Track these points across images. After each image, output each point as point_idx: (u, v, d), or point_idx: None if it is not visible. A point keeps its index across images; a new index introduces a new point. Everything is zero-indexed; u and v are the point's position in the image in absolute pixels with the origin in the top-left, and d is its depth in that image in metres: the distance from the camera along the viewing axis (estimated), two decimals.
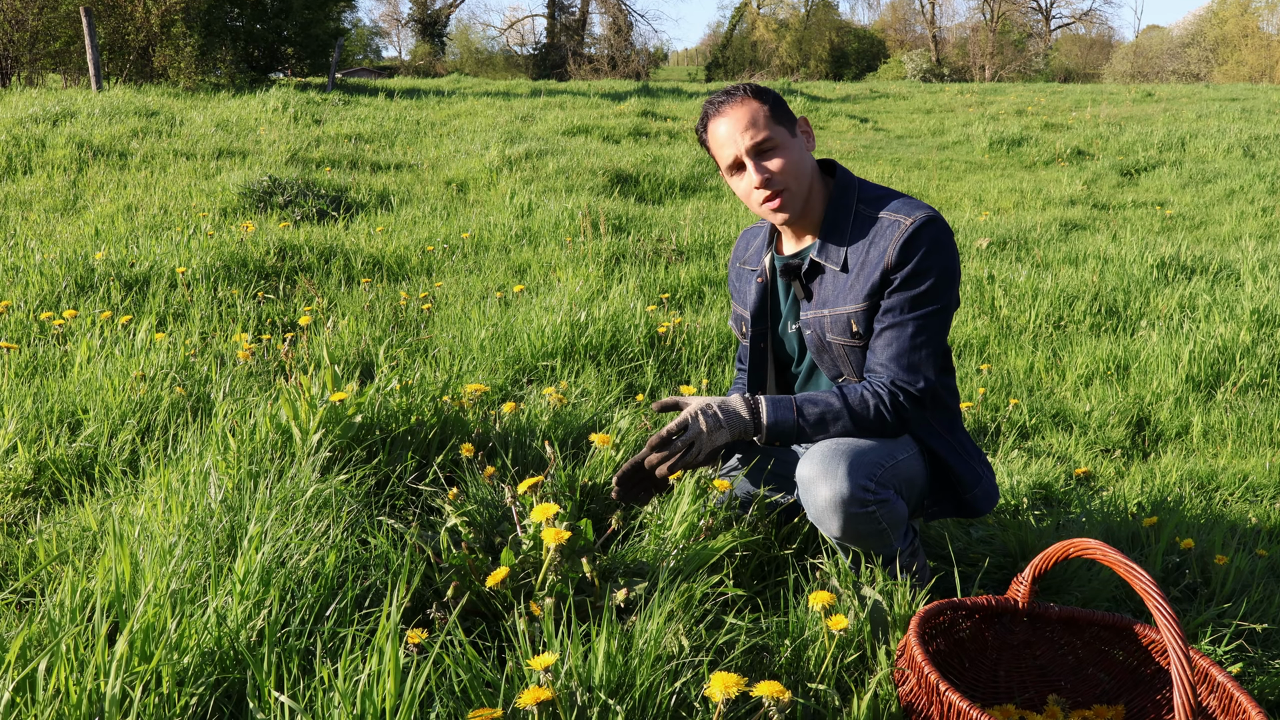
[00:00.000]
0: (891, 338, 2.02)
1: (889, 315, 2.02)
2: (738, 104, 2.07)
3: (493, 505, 2.20)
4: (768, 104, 2.07)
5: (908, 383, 2.01)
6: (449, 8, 54.47)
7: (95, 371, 3.14)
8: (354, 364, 3.62)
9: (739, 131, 2.05)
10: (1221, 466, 3.38)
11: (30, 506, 2.48)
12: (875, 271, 2.02)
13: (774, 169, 2.06)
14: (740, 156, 2.07)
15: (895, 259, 1.99)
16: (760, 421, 2.00)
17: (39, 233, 5.93)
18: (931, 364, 2.03)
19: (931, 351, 2.03)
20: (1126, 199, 10.27)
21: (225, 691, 1.63)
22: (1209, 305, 5.13)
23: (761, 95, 2.08)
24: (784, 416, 2.01)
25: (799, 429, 2.01)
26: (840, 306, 2.07)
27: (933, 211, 2.02)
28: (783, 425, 2.01)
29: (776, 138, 2.06)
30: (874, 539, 1.96)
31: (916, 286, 2.00)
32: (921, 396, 2.03)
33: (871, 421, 2.01)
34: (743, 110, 2.06)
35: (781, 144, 2.06)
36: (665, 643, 1.71)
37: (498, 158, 10.05)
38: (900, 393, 2.01)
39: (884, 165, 12.64)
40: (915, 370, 2.02)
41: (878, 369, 2.04)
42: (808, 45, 56.29)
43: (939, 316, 2.03)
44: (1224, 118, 16.52)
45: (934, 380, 2.04)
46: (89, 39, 13.73)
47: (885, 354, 2.03)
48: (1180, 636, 1.40)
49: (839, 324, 2.08)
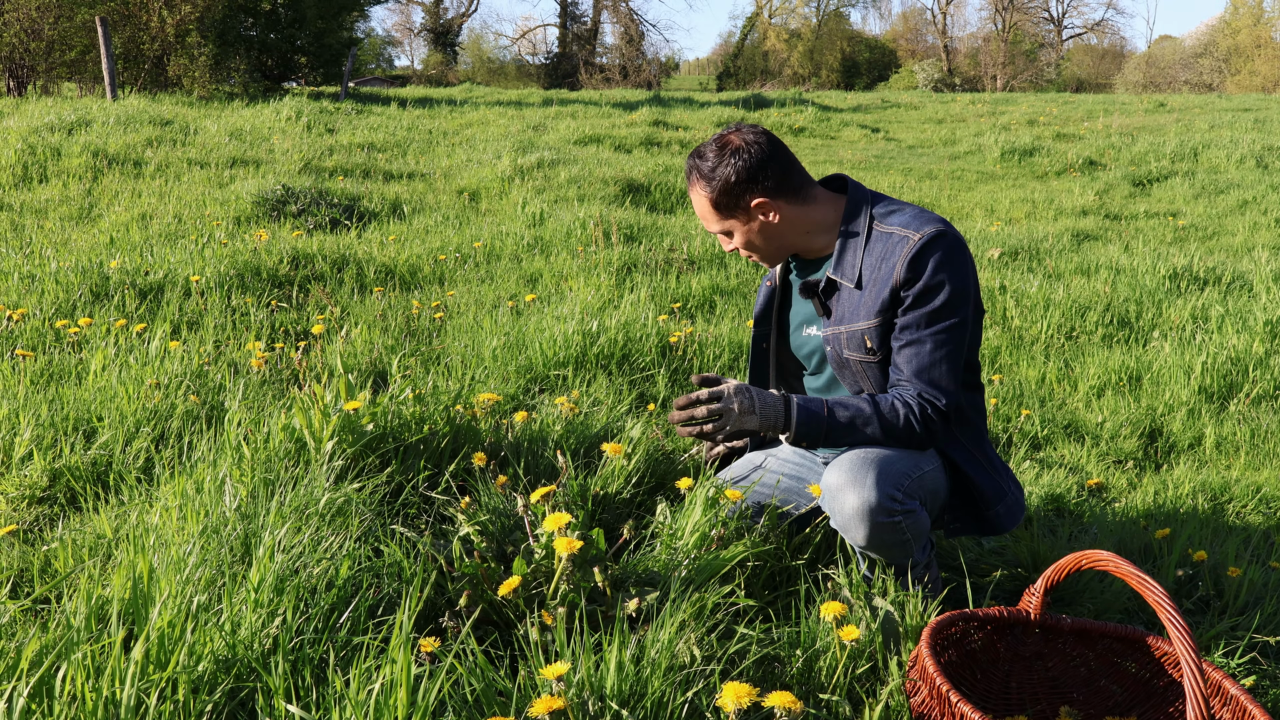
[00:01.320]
0: (911, 355, 2.03)
1: (906, 333, 2.03)
2: (692, 188, 2.15)
3: (505, 514, 2.21)
4: (712, 194, 2.10)
5: (933, 397, 2.02)
6: (461, 17, 54.72)
7: (110, 379, 3.15)
8: (367, 373, 3.64)
9: (700, 215, 2.17)
10: (1234, 478, 3.37)
11: (46, 514, 2.50)
12: (885, 288, 2.02)
13: (737, 245, 2.17)
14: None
15: (904, 275, 2.00)
16: (791, 417, 2.00)
17: (54, 241, 5.97)
18: (953, 379, 2.04)
19: (952, 366, 2.03)
20: (1139, 209, 10.24)
21: (240, 700, 1.64)
22: (1222, 316, 5.11)
23: (708, 183, 2.10)
24: (815, 415, 2.01)
25: (828, 430, 2.01)
26: (855, 323, 2.08)
27: (943, 225, 2.02)
28: (813, 424, 2.01)
29: (728, 227, 2.15)
30: (897, 549, 1.96)
31: (929, 302, 2.00)
32: (947, 411, 2.03)
33: (900, 430, 2.01)
34: (696, 199, 2.16)
35: (735, 229, 2.14)
36: (677, 652, 1.71)
37: (510, 167, 10.08)
38: (928, 405, 2.01)
39: (895, 175, 12.63)
40: (937, 385, 2.02)
41: (903, 383, 2.05)
42: (819, 55, 56.37)
43: (956, 331, 2.02)
44: (1237, 128, 16.47)
45: (957, 394, 2.04)
46: (104, 48, 13.83)
47: (908, 370, 2.03)
48: (1193, 649, 1.39)
49: (854, 340, 2.09)
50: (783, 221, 2.12)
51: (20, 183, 8.22)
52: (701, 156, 2.10)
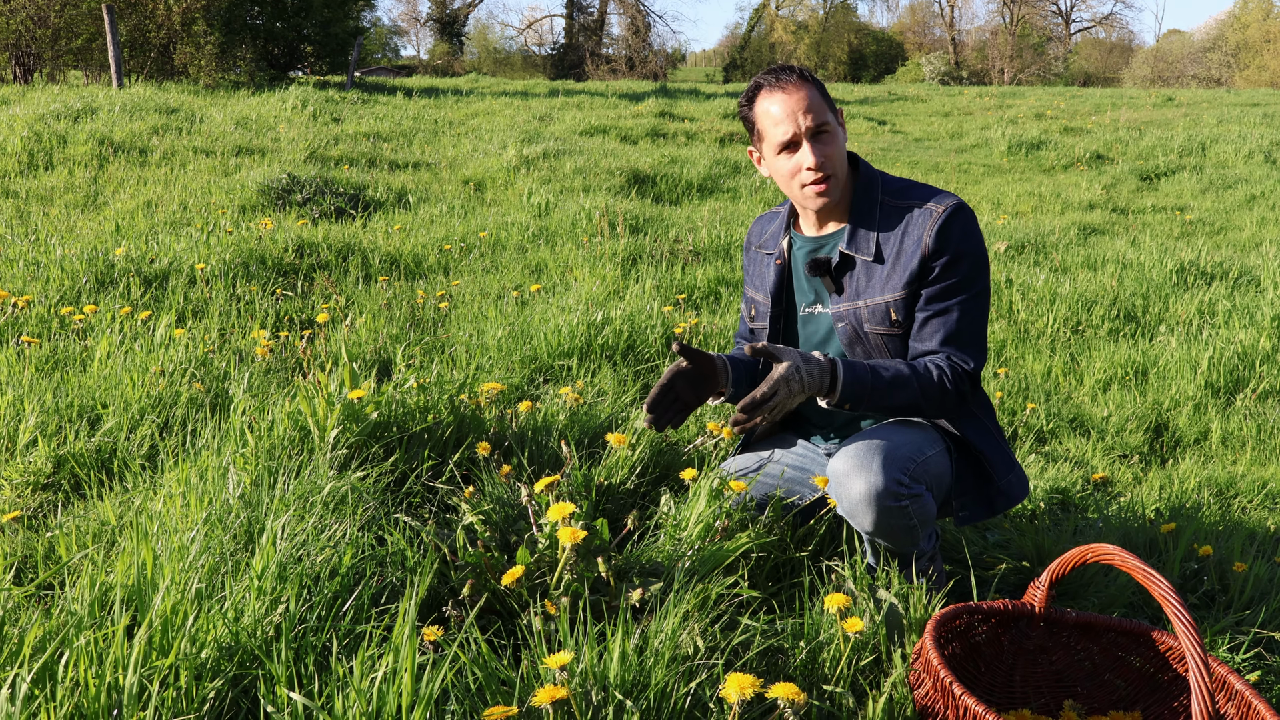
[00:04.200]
0: (939, 324, 2.06)
1: (933, 304, 2.06)
2: (796, 84, 2.09)
3: (509, 504, 2.21)
4: (820, 89, 2.11)
5: (962, 361, 2.05)
6: (468, 7, 54.62)
7: (115, 366, 3.16)
8: (371, 362, 3.64)
9: (800, 111, 2.07)
10: (1240, 473, 3.36)
11: (50, 500, 2.50)
12: (913, 259, 2.05)
13: (829, 154, 2.09)
14: (799, 135, 2.08)
15: (933, 246, 2.03)
16: (838, 380, 1.99)
17: (60, 228, 5.97)
18: (979, 345, 2.09)
19: (978, 332, 2.08)
20: (1146, 204, 10.21)
21: (244, 688, 1.64)
22: (1229, 311, 5.09)
23: (814, 80, 2.12)
24: (861, 376, 2.01)
25: (873, 390, 2.01)
26: (878, 296, 2.10)
27: (958, 198, 2.08)
28: (859, 385, 2.00)
29: (831, 123, 2.10)
30: (904, 534, 1.97)
31: (956, 272, 2.04)
32: (975, 374, 2.08)
33: (935, 388, 2.03)
34: (803, 91, 2.08)
35: (833, 131, 2.10)
36: (680, 643, 1.71)
37: (515, 157, 10.06)
38: (959, 367, 2.05)
39: (902, 168, 12.61)
40: (965, 350, 2.07)
41: (930, 351, 2.08)
42: (826, 47, 56.19)
43: (982, 298, 2.08)
44: (1245, 123, 16.40)
45: (984, 360, 2.09)
46: (111, 36, 13.82)
47: (935, 339, 2.06)
48: (1198, 643, 1.39)
49: (877, 314, 2.10)
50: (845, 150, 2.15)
51: (26, 170, 8.22)
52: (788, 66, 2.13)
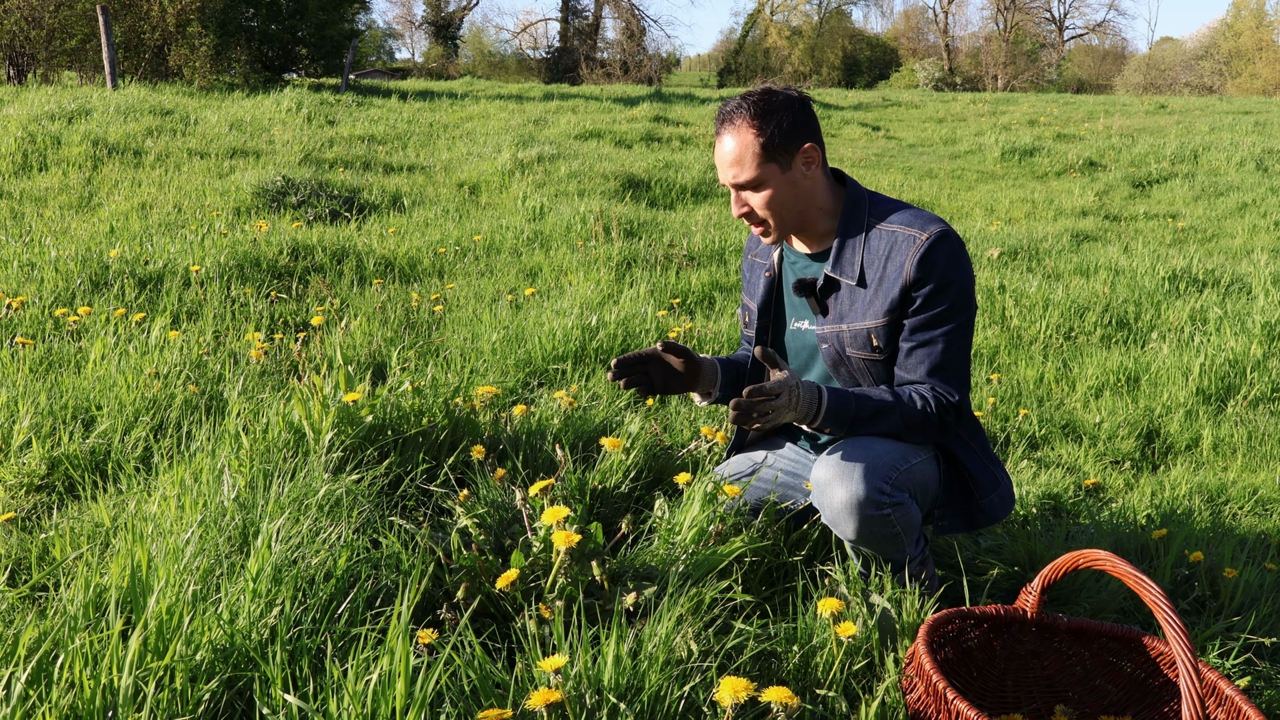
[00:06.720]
0: (923, 355, 2.04)
1: (917, 334, 2.04)
2: (735, 130, 2.03)
3: (503, 507, 2.21)
4: (765, 135, 2.01)
5: (947, 393, 2.04)
6: (462, 10, 54.62)
7: (109, 368, 3.15)
8: (366, 365, 3.64)
9: (726, 164, 2.07)
10: (1231, 480, 3.38)
11: (44, 501, 2.50)
12: (894, 287, 2.03)
13: (755, 205, 2.08)
14: (726, 185, 2.11)
15: (914, 275, 2.00)
16: (822, 406, 2.00)
17: (54, 229, 5.96)
18: (963, 376, 2.07)
19: (963, 362, 2.07)
20: (1138, 211, 10.25)
21: (239, 690, 1.64)
22: (1220, 318, 5.12)
23: (764, 120, 2.01)
24: (844, 403, 2.01)
25: (855, 417, 2.02)
26: (859, 321, 2.08)
27: (945, 225, 2.04)
28: (841, 411, 2.01)
29: (763, 176, 2.04)
30: (888, 542, 1.97)
31: (940, 302, 2.02)
32: (960, 406, 2.05)
33: (918, 419, 2.02)
34: (736, 141, 2.03)
35: (767, 182, 2.05)
36: (674, 646, 1.71)
37: (510, 161, 10.07)
38: (943, 398, 2.04)
39: (896, 174, 12.63)
40: (950, 382, 2.05)
41: (915, 381, 2.06)
42: (820, 52, 56.29)
43: (966, 328, 2.06)
44: (1237, 131, 16.47)
45: (968, 391, 2.08)
46: (105, 37, 13.80)
47: (920, 370, 2.05)
48: (1189, 649, 1.40)
49: (859, 339, 2.09)
50: (814, 182, 2.09)
51: (20, 171, 8.21)
52: (751, 96, 2.02)
